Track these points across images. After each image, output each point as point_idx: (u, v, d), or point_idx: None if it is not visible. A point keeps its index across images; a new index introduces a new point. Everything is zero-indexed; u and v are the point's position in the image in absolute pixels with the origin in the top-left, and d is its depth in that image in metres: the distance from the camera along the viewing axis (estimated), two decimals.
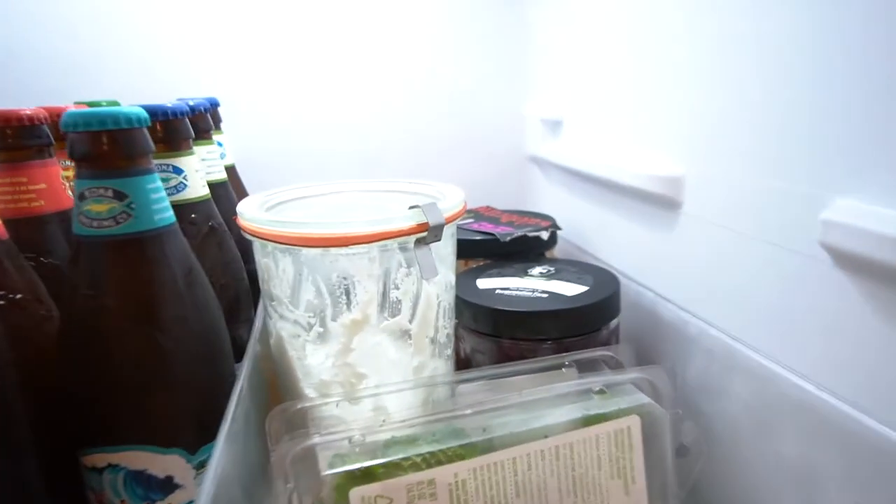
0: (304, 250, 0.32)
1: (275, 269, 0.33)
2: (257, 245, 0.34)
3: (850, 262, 0.25)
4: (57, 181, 0.34)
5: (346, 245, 0.31)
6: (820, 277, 0.27)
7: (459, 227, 0.52)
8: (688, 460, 0.34)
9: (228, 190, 0.44)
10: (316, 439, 0.29)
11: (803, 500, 0.29)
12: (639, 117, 0.43)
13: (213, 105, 0.48)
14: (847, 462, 0.26)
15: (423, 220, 0.32)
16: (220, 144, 0.50)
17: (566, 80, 0.55)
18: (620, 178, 0.43)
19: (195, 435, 0.28)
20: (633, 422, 0.31)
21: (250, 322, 0.39)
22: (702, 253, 0.36)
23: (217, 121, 0.50)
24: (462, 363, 0.42)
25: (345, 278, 0.32)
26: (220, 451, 0.25)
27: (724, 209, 0.34)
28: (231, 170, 0.51)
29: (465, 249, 0.49)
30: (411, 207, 0.32)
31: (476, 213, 0.56)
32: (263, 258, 0.34)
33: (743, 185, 0.32)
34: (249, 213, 0.33)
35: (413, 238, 0.32)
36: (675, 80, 0.38)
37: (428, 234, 0.32)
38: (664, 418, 0.32)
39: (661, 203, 0.40)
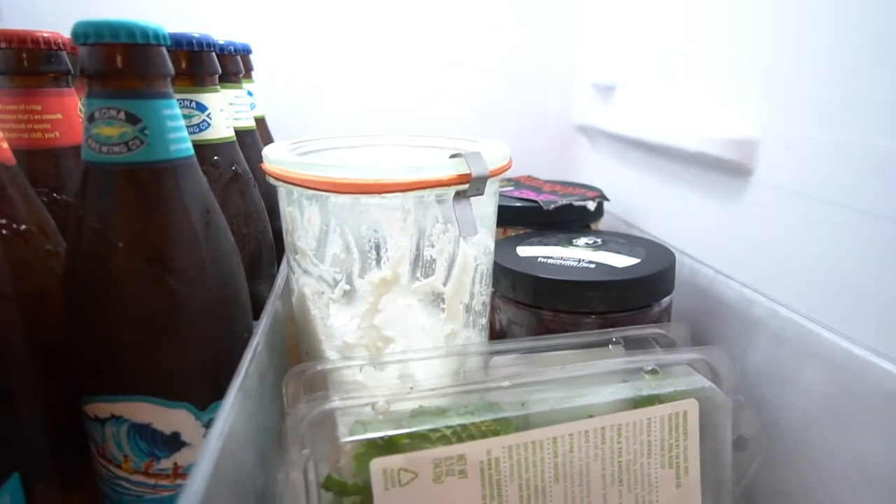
0: (333, 197, 0.29)
1: (300, 219, 0.31)
2: (282, 192, 0.31)
3: None
4: (74, 113, 0.32)
5: (379, 193, 0.28)
6: None
7: (499, 194, 0.48)
8: (746, 454, 0.31)
9: (256, 139, 0.41)
10: (336, 403, 0.26)
11: None
12: (705, 75, 0.38)
13: (245, 50, 0.45)
14: None
15: (465, 170, 0.29)
16: (250, 94, 0.48)
17: (621, 42, 0.50)
18: (682, 144, 0.39)
19: (205, 389, 0.25)
20: (691, 406, 0.28)
21: (272, 279, 0.37)
22: (772, 225, 0.32)
23: (248, 68, 0.48)
24: (497, 335, 0.39)
25: (375, 231, 0.29)
26: (230, 407, 0.22)
27: (804, 174, 0.30)
28: (260, 121, 0.49)
29: (505, 217, 0.45)
30: (453, 156, 0.29)
31: (516, 182, 0.53)
32: (289, 206, 0.31)
33: (828, 147, 0.28)
34: (275, 156, 0.30)
35: (453, 190, 0.29)
36: (749, 27, 0.34)
37: (470, 186, 0.29)
38: (725, 405, 0.29)
39: (727, 170, 0.36)
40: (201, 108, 0.32)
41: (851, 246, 0.27)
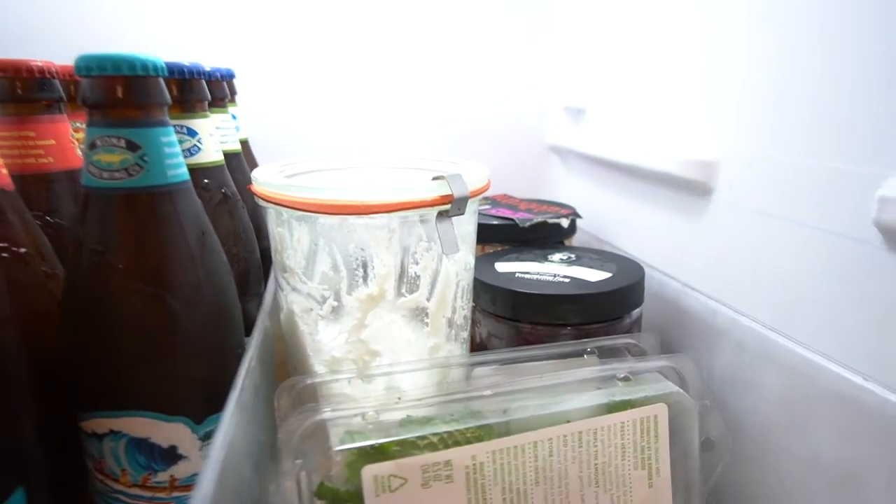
0: (321, 218, 0.31)
1: (289, 239, 0.32)
2: (272, 213, 0.33)
3: None
4: (66, 139, 0.33)
5: (365, 213, 0.30)
6: (871, 262, 0.25)
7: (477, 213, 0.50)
8: (713, 455, 0.33)
9: (242, 162, 0.43)
10: (327, 414, 0.27)
11: None
12: (669, 99, 0.41)
13: (229, 76, 0.47)
14: (892, 456, 0.25)
15: (447, 191, 0.30)
16: (234, 117, 0.49)
17: (590, 66, 0.53)
18: (647, 164, 0.42)
19: (201, 403, 0.27)
20: (661, 410, 0.30)
21: (260, 297, 0.38)
22: (733, 241, 0.35)
23: (233, 92, 0.49)
24: (477, 348, 0.40)
25: (362, 249, 0.31)
26: (229, 420, 0.23)
27: (761, 193, 0.32)
28: (244, 144, 0.50)
29: (483, 234, 0.47)
30: (435, 178, 0.31)
31: (493, 201, 0.55)
32: (278, 227, 0.33)
33: (785, 166, 0.31)
34: (264, 178, 0.32)
35: (435, 210, 0.31)
36: (709, 57, 0.36)
37: (451, 206, 0.31)
38: (692, 409, 0.31)
39: (690, 189, 0.38)
40: (192, 133, 0.33)
41: (805, 259, 0.30)
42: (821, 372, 0.28)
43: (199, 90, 0.34)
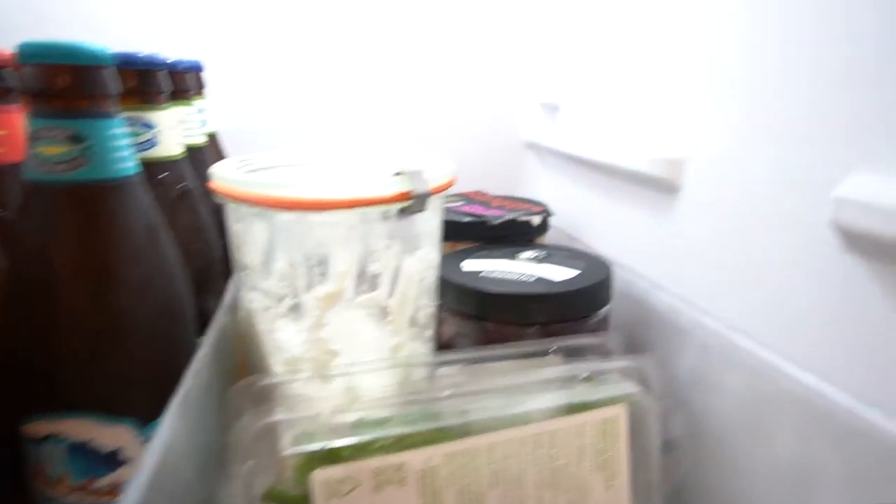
0: (279, 214, 0.30)
1: (247, 236, 0.31)
2: (230, 209, 0.32)
3: (863, 243, 0.23)
4: (18, 130, 0.32)
5: (324, 210, 0.29)
6: (831, 262, 0.25)
7: (447, 209, 0.50)
8: (674, 456, 0.32)
9: (206, 156, 0.42)
10: (279, 416, 0.27)
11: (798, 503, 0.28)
12: (638, 99, 0.41)
13: (196, 68, 0.46)
14: (848, 463, 0.25)
15: (407, 188, 0.30)
16: (202, 111, 0.48)
17: (565, 62, 0.53)
18: (617, 162, 0.41)
19: (147, 405, 0.26)
20: (620, 411, 0.29)
21: (221, 294, 0.37)
22: (699, 239, 0.35)
23: (201, 85, 0.48)
24: (443, 347, 0.40)
25: (320, 247, 0.30)
26: (170, 422, 0.22)
27: (727, 192, 0.32)
28: (212, 138, 0.49)
29: (453, 232, 0.47)
30: (395, 174, 0.30)
31: (466, 197, 0.55)
32: (235, 223, 0.32)
33: (747, 165, 0.30)
34: (222, 174, 0.31)
35: (395, 207, 0.30)
36: (677, 55, 0.36)
37: (412, 203, 0.30)
38: (653, 410, 0.30)
39: (658, 187, 0.38)
40: (148, 126, 0.32)
41: (766, 259, 0.29)
42: (779, 374, 0.28)
43: (158, 82, 0.33)
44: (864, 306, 0.23)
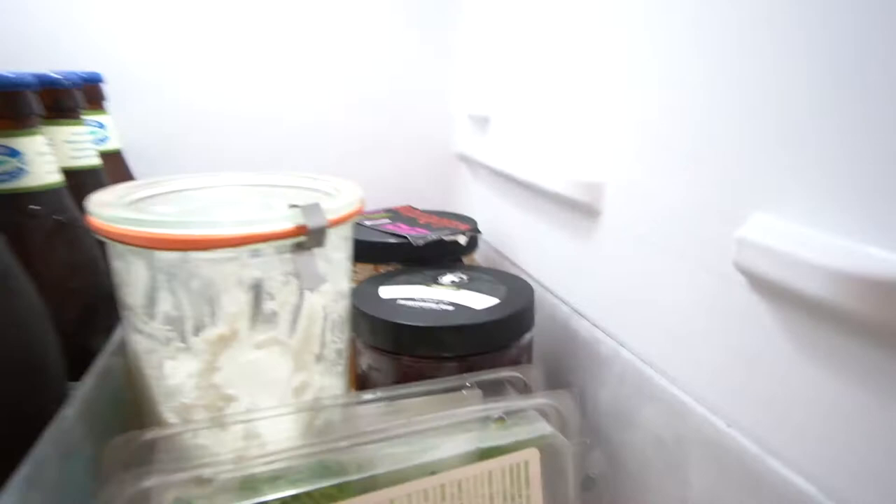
0: (159, 254, 0.27)
1: (126, 275, 0.29)
2: (108, 246, 0.29)
3: (766, 287, 0.22)
4: None
5: (209, 249, 0.27)
6: (735, 302, 0.24)
7: (372, 229, 0.47)
8: (594, 493, 0.31)
9: (101, 178, 0.38)
10: (153, 480, 0.24)
11: None
12: (562, 120, 0.39)
13: (91, 80, 0.42)
14: (751, 500, 0.24)
15: (301, 222, 0.28)
16: (101, 126, 0.45)
17: (493, 74, 0.51)
18: (542, 182, 0.40)
19: None
20: (532, 455, 0.28)
21: (110, 332, 0.34)
22: (618, 266, 0.33)
23: (98, 98, 0.44)
24: (359, 380, 0.38)
25: (208, 287, 0.28)
26: (10, 499, 0.20)
27: (642, 221, 0.31)
28: (115, 156, 0.46)
29: (377, 253, 0.45)
30: (290, 207, 0.28)
31: (394, 213, 0.52)
32: (115, 260, 0.29)
33: (661, 196, 0.29)
34: (97, 207, 0.28)
35: (291, 242, 0.28)
36: (598, 83, 0.35)
37: (308, 238, 0.28)
38: (567, 450, 0.29)
39: (581, 210, 0.37)
40: (13, 153, 0.29)
41: (680, 292, 0.28)
42: (691, 413, 0.27)
43: (22, 103, 0.29)
44: (772, 349, 0.22)
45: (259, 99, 0.56)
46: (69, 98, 0.37)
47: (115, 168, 0.44)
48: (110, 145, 0.45)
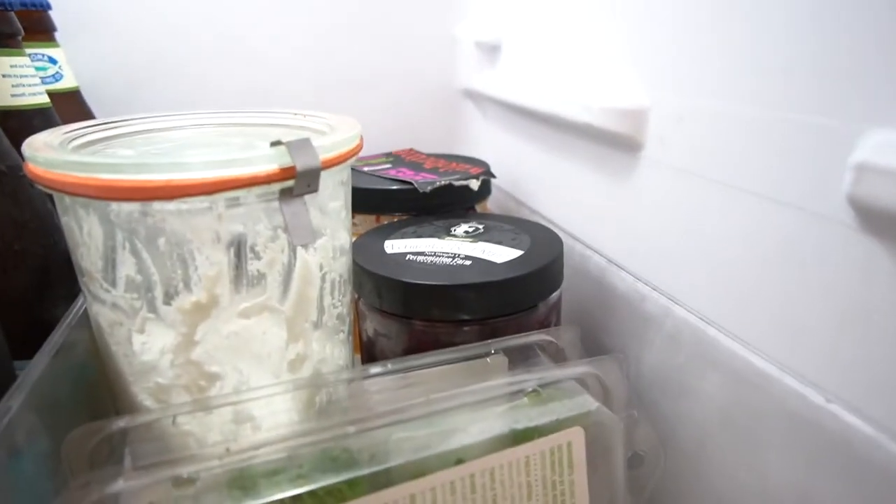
0: (115, 205, 0.22)
1: (79, 233, 0.23)
2: (56, 198, 0.24)
3: (889, 225, 0.17)
4: None
5: (175, 197, 0.21)
6: (840, 245, 0.19)
7: (372, 175, 0.42)
8: (642, 472, 0.27)
9: (52, 120, 0.33)
10: (120, 484, 0.20)
11: None
12: (590, 35, 0.33)
13: (32, 4, 0.36)
14: (857, 496, 0.19)
15: (288, 162, 0.22)
16: (53, 61, 0.38)
17: None
18: (567, 113, 0.34)
19: None
20: (576, 436, 0.23)
21: (72, 300, 0.29)
22: (666, 210, 0.28)
23: (46, 28, 0.38)
24: (365, 346, 0.33)
25: (177, 245, 0.23)
26: None
27: (699, 152, 0.26)
28: (73, 95, 0.40)
29: (378, 202, 0.39)
30: (273, 144, 0.23)
31: (395, 158, 0.47)
32: (64, 216, 0.24)
33: (727, 119, 0.24)
34: (34, 152, 0.22)
35: (277, 187, 0.23)
36: None
37: (297, 182, 0.23)
38: (616, 427, 0.25)
39: (616, 144, 0.31)
40: None
41: (754, 238, 0.23)
42: (771, 384, 0.22)
43: None
44: (887, 305, 0.18)
45: (236, 25, 0.49)
46: (5, 22, 0.30)
47: (72, 110, 0.38)
48: (65, 83, 0.39)
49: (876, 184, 0.17)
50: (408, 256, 0.31)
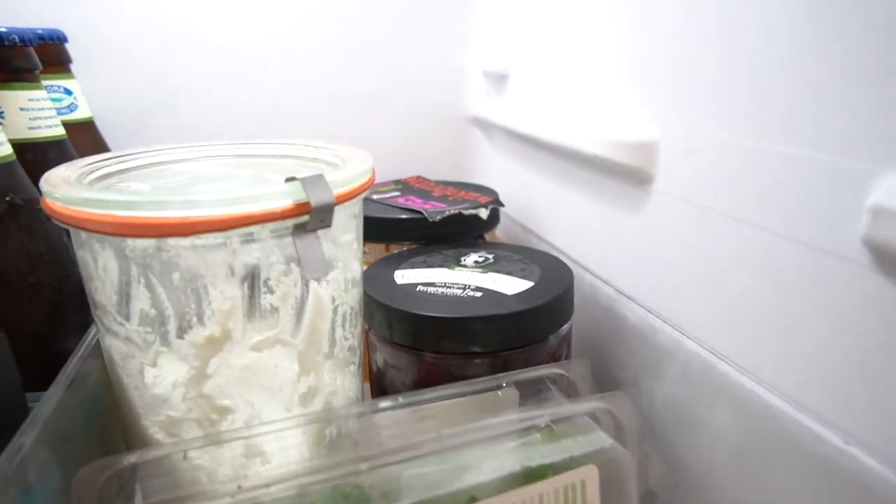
0: (130, 241, 0.22)
1: (94, 267, 0.24)
2: (72, 232, 0.24)
3: None
4: None
5: (190, 234, 0.22)
6: (854, 285, 0.19)
7: (381, 203, 0.42)
8: None
9: (67, 151, 0.33)
10: None
11: None
12: (600, 67, 0.34)
13: (51, 38, 0.36)
14: None
15: (302, 198, 0.22)
16: (68, 92, 0.39)
17: (513, 24, 0.45)
18: (576, 144, 0.35)
19: None
20: (589, 474, 0.23)
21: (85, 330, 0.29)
22: (677, 243, 0.28)
23: (62, 60, 0.39)
24: (375, 377, 0.33)
25: (192, 280, 0.23)
26: None
27: (712, 186, 0.26)
28: (87, 125, 0.40)
29: (387, 231, 0.39)
30: (288, 180, 0.23)
31: (404, 185, 0.47)
32: (79, 250, 0.24)
33: (741, 153, 0.24)
34: (51, 188, 0.23)
35: (290, 223, 0.23)
36: (651, 15, 0.29)
37: (311, 217, 0.23)
38: (630, 464, 0.24)
39: (627, 176, 0.31)
40: None
41: (766, 276, 0.23)
42: (785, 422, 0.22)
43: None
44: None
45: (247, 55, 0.49)
46: (23, 57, 0.31)
47: (87, 140, 0.39)
48: (80, 114, 0.39)
49: (892, 227, 0.17)
50: (418, 287, 0.31)
